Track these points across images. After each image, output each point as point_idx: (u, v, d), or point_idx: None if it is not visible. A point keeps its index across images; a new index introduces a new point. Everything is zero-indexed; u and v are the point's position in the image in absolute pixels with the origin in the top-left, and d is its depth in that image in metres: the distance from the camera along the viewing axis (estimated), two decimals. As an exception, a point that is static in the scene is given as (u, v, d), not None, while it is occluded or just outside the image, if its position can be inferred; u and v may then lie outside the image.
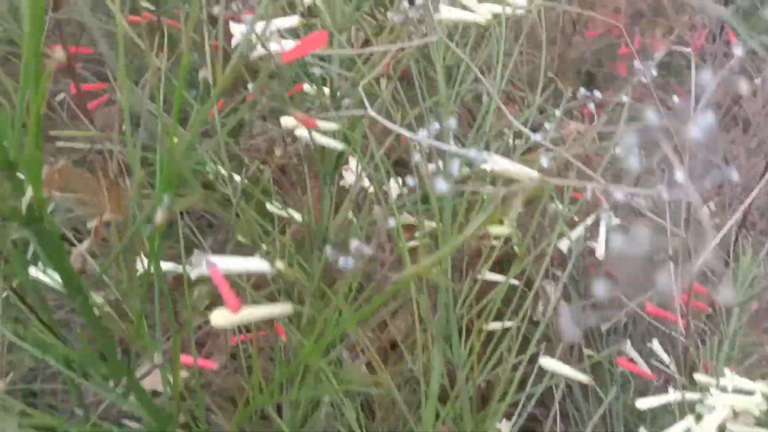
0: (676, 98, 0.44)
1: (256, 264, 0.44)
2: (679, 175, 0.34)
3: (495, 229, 0.53)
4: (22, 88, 0.34)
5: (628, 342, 0.86)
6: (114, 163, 0.53)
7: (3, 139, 0.35)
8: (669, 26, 1.60)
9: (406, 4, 0.48)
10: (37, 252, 0.42)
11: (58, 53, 0.29)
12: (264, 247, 0.58)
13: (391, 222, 0.38)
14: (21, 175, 0.37)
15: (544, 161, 0.48)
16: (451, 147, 0.43)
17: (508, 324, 0.62)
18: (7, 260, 0.40)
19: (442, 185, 0.32)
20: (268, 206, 0.60)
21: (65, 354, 0.46)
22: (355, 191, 0.53)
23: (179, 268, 0.51)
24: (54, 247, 0.40)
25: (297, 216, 0.60)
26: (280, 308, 0.43)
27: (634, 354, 0.85)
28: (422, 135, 0.42)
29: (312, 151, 0.55)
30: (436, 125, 0.42)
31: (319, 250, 0.59)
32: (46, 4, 0.73)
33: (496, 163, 0.56)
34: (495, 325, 0.61)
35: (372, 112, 0.46)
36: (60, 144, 0.55)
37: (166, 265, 0.53)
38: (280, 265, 0.44)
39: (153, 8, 0.96)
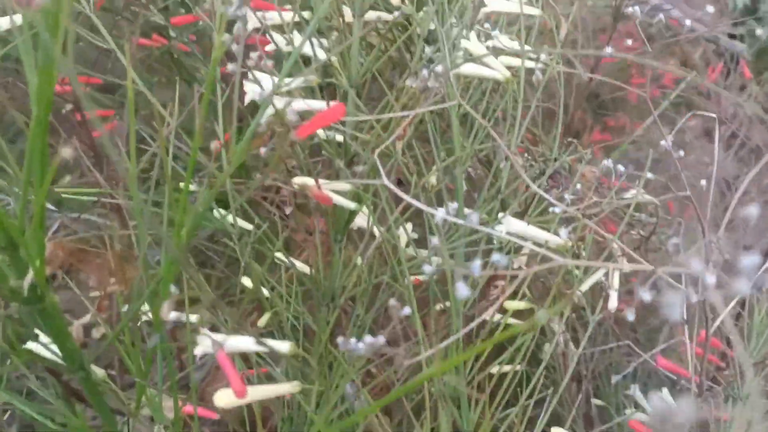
0: (703, 182, 0.42)
1: (264, 344, 0.42)
2: (710, 278, 0.33)
3: (512, 305, 0.52)
4: (27, 172, 0.33)
5: (636, 388, 0.84)
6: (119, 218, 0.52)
7: (5, 220, 0.34)
8: (683, 56, 1.59)
9: (425, 73, 0.46)
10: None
11: (66, 150, 0.28)
12: (266, 293, 0.57)
13: (406, 311, 0.36)
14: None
15: (563, 233, 0.46)
16: (476, 225, 0.41)
17: (517, 368, 0.60)
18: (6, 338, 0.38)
19: (463, 290, 0.31)
20: (276, 256, 0.59)
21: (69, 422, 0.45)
22: (367, 253, 0.52)
23: (182, 317, 0.49)
24: (56, 324, 0.38)
25: (305, 269, 0.58)
26: (288, 386, 0.42)
27: (642, 401, 0.83)
28: (440, 213, 0.40)
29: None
30: (453, 205, 0.41)
31: (327, 306, 0.57)
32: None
33: (511, 225, 0.54)
34: (506, 369, 0.59)
35: (386, 182, 0.45)
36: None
37: (170, 315, 0.52)
38: (287, 347, 0.43)
39: (164, 22, 0.94)
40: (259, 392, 0.41)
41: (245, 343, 0.41)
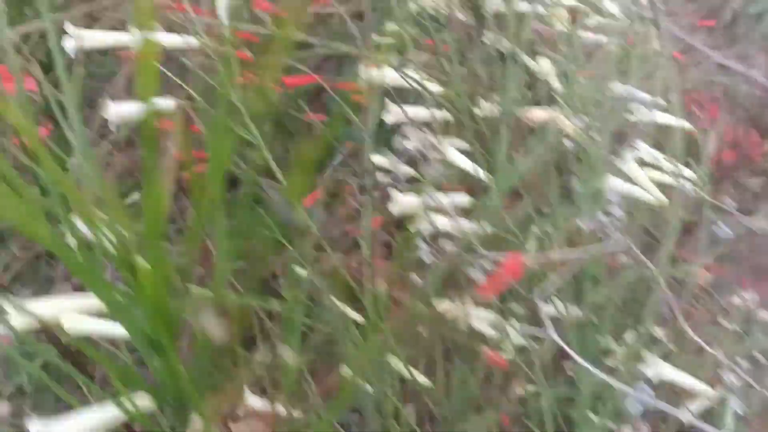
0: None
1: None
2: None
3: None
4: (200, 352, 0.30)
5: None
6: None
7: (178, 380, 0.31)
8: (753, 119, 1.57)
9: (602, 217, 0.43)
10: None
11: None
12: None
13: None
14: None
15: (738, 408, 0.42)
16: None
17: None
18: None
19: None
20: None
21: None
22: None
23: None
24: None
25: (426, 382, 0.55)
26: None
27: None
28: (637, 395, 0.37)
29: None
30: (646, 389, 0.38)
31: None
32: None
33: (659, 369, 0.50)
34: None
35: (556, 337, 0.41)
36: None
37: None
38: None
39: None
40: None
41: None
